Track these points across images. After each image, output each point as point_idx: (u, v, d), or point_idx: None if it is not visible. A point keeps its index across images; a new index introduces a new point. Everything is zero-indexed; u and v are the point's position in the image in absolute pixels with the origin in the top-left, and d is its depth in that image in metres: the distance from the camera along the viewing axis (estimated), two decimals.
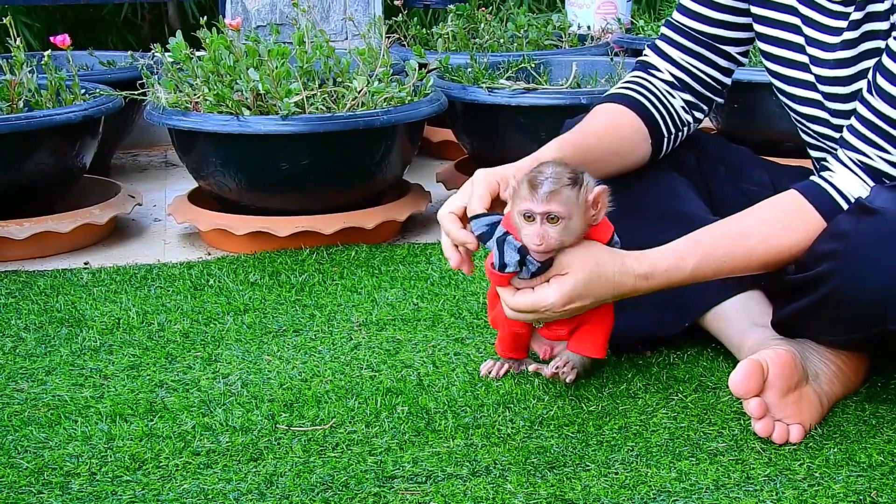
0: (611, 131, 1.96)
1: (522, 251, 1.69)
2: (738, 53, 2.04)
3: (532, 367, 1.88)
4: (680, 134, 2.04)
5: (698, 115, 2.06)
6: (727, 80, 2.06)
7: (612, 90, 2.04)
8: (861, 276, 1.63)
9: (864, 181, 1.74)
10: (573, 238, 1.71)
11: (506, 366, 1.92)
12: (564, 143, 1.88)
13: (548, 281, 1.71)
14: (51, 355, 2.07)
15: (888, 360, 1.90)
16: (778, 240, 1.74)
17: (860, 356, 1.84)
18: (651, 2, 5.36)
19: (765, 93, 3.03)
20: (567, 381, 1.83)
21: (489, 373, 1.92)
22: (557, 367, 1.83)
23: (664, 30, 2.06)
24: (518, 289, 1.73)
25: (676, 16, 2.04)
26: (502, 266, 1.70)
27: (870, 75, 1.75)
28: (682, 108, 2.03)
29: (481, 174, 1.80)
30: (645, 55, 2.07)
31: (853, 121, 1.77)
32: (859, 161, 1.75)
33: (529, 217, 1.68)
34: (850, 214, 1.68)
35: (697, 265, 1.73)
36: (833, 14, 1.84)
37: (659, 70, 2.04)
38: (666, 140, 2.01)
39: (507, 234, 1.71)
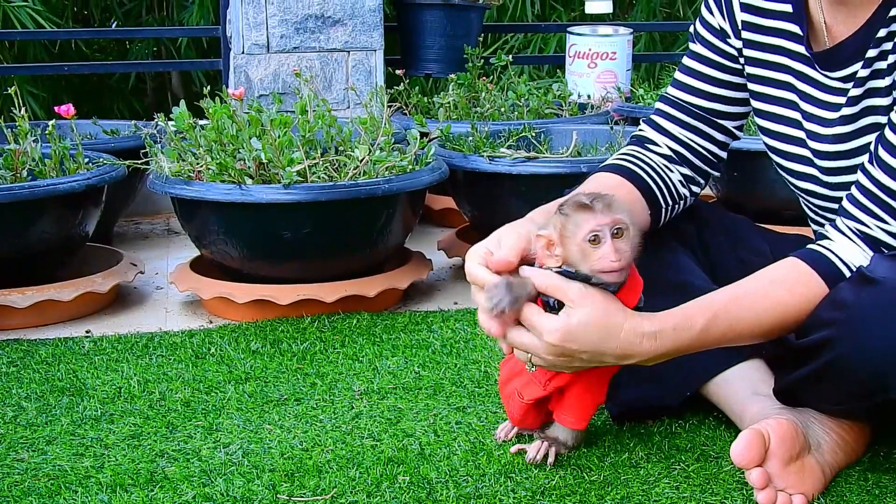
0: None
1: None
2: (735, 127, 2.05)
3: (514, 449, 1.88)
4: (677, 206, 2.04)
5: (695, 188, 2.06)
6: (723, 154, 2.07)
7: (607, 162, 2.04)
8: (862, 346, 1.63)
9: (864, 250, 1.75)
10: (634, 255, 1.67)
11: (516, 429, 1.93)
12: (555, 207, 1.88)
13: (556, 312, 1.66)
14: (51, 425, 2.07)
15: (890, 429, 1.89)
16: (784, 304, 1.73)
17: (862, 425, 1.84)
18: (651, 70, 5.41)
19: (765, 161, 3.02)
20: (547, 461, 1.83)
21: (499, 433, 1.94)
22: (531, 458, 1.83)
23: (660, 104, 2.06)
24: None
25: (672, 90, 2.05)
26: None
27: (872, 146, 1.77)
28: (680, 181, 2.03)
29: (509, 229, 1.75)
30: (641, 130, 2.08)
31: (853, 189, 1.78)
32: (858, 230, 1.76)
33: (595, 239, 1.63)
34: (851, 283, 1.69)
35: (706, 327, 1.69)
36: (831, 90, 1.86)
37: (657, 144, 2.04)
38: (664, 210, 2.01)
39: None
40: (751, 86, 1.97)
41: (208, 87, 2.87)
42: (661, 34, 5.68)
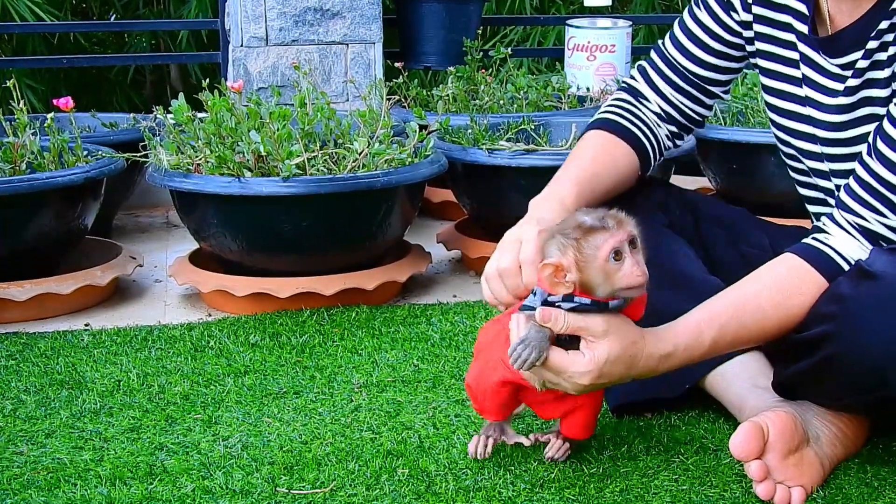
0: (609, 165, 1.99)
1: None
2: (722, 92, 2.10)
3: (528, 442, 1.86)
4: (661, 159, 2.11)
5: (679, 142, 2.14)
6: (708, 114, 2.13)
7: (603, 113, 2.06)
8: (860, 341, 1.63)
9: (862, 243, 1.75)
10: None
11: (490, 440, 1.85)
12: (579, 179, 1.91)
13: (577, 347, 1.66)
14: (51, 418, 2.07)
15: (889, 422, 1.89)
16: (787, 307, 1.73)
17: (861, 418, 1.84)
18: None
19: (763, 154, 3.05)
20: (562, 459, 1.82)
21: (475, 451, 1.83)
22: (550, 457, 1.82)
23: (655, 57, 2.08)
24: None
25: (670, 48, 2.06)
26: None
27: (870, 139, 1.76)
28: (667, 136, 2.09)
29: (526, 232, 1.79)
30: (633, 79, 2.10)
31: (851, 182, 1.77)
32: (856, 223, 1.75)
33: (617, 256, 1.61)
34: (850, 278, 1.68)
35: (715, 339, 1.71)
36: (831, 76, 1.85)
37: (648, 101, 2.08)
38: (651, 166, 2.08)
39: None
40: (761, 63, 1.98)
41: (207, 80, 2.87)
42: (660, 27, 5.67)
